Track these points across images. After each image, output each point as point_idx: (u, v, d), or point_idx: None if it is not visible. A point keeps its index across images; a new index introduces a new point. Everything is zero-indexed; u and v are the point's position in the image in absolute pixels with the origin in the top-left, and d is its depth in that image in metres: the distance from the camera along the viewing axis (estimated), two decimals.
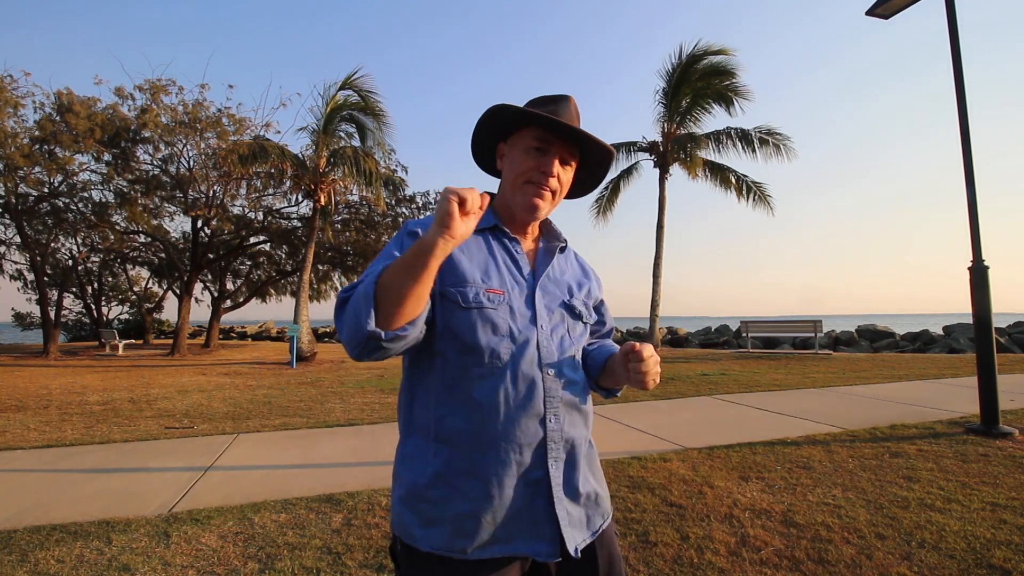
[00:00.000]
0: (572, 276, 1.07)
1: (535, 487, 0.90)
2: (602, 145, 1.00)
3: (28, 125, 13.75)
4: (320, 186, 13.11)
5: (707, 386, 7.28)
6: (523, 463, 0.90)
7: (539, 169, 0.96)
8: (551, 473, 0.91)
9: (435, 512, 0.88)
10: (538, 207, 0.97)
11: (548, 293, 1.00)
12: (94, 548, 2.41)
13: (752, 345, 15.12)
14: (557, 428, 0.93)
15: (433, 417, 0.91)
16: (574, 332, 1.01)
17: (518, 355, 0.91)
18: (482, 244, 0.99)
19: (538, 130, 0.96)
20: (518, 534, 0.89)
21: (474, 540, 0.87)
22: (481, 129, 1.03)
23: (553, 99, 1.00)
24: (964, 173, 4.58)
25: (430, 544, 0.88)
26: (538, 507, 0.90)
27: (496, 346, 0.90)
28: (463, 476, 0.89)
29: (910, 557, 2.22)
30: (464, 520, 0.87)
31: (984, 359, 4.40)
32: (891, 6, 5.16)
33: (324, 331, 28.17)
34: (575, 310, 1.02)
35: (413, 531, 0.89)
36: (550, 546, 0.90)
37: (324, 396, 7.10)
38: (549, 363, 0.94)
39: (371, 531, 2.56)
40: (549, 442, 0.92)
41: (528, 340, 0.93)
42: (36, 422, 5.45)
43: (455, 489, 0.88)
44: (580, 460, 0.97)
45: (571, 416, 0.96)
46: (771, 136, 13.81)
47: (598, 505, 0.99)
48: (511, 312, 0.93)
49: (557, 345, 0.96)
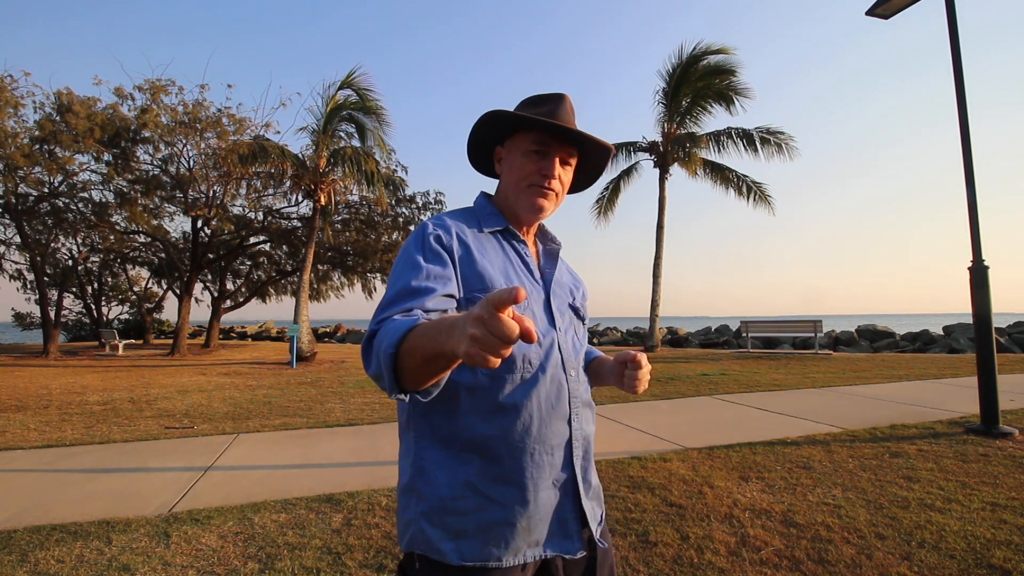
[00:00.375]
0: (568, 278, 1.09)
1: (564, 487, 0.92)
2: (601, 143, 1.00)
3: (28, 125, 13.76)
4: (320, 186, 13.10)
5: (707, 386, 7.28)
6: (554, 464, 0.91)
7: (540, 172, 0.96)
8: (577, 473, 0.93)
9: (466, 523, 0.84)
10: (543, 208, 0.99)
11: (558, 296, 1.01)
12: (94, 548, 2.41)
13: (752, 345, 15.12)
14: (579, 427, 0.95)
15: (460, 425, 0.87)
16: (580, 332, 1.04)
17: (546, 359, 0.91)
18: (497, 247, 0.98)
19: (536, 133, 0.96)
20: (547, 535, 0.90)
21: (508, 547, 0.85)
22: (477, 134, 1.03)
23: (548, 98, 0.99)
24: (964, 173, 4.58)
25: (461, 557, 0.83)
26: (565, 505, 0.92)
27: (527, 351, 0.89)
28: (496, 483, 0.86)
29: (910, 557, 2.22)
30: (497, 528, 0.85)
31: (984, 359, 4.40)
32: (891, 6, 5.16)
33: (324, 331, 28.18)
34: (579, 312, 1.05)
35: (440, 545, 0.84)
36: (578, 542, 0.92)
37: (324, 396, 7.10)
38: (570, 364, 0.96)
39: (371, 531, 2.56)
40: (574, 441, 0.94)
41: (552, 343, 0.93)
42: (36, 422, 5.45)
43: (487, 498, 0.85)
44: (592, 455, 0.99)
45: (586, 414, 0.98)
46: (772, 135, 13.82)
47: (599, 496, 1.02)
48: (534, 317, 0.93)
49: (572, 347, 0.98)
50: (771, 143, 13.84)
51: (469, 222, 0.97)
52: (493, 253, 0.95)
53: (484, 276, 0.89)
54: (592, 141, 0.99)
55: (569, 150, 0.99)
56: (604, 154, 1.05)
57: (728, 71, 13.58)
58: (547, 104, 0.98)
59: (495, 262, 0.93)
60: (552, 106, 0.98)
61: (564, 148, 0.98)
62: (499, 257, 0.96)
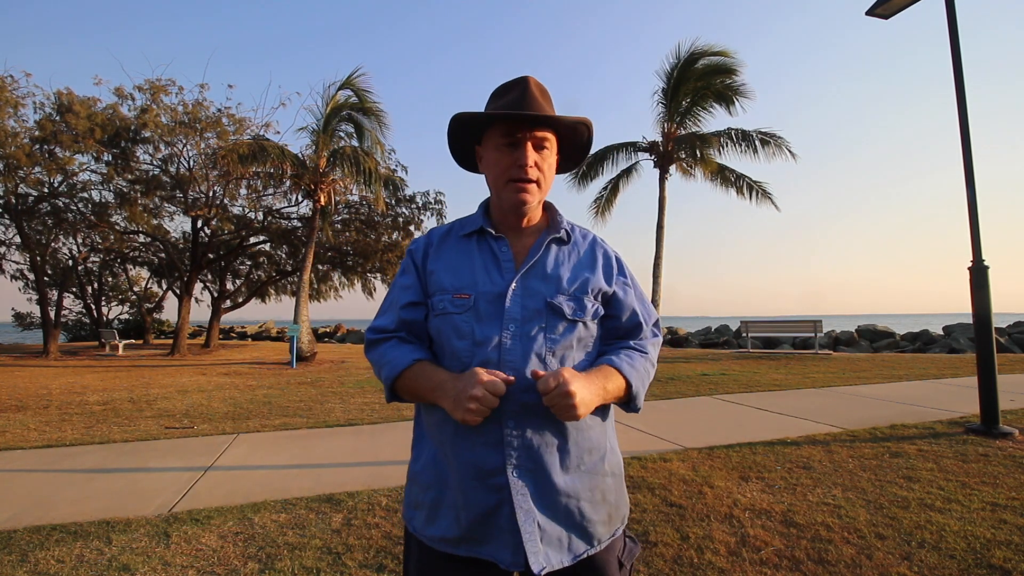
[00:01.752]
0: (569, 268, 1.00)
1: (499, 493, 0.88)
2: (573, 120, 0.99)
3: (28, 125, 13.77)
4: (320, 186, 13.11)
5: (707, 386, 7.28)
6: (480, 466, 0.89)
7: (516, 163, 0.95)
8: (511, 481, 0.88)
9: (421, 496, 0.97)
10: (526, 201, 0.97)
11: (528, 291, 0.95)
12: (94, 548, 2.40)
13: (752, 345, 15.11)
14: (517, 434, 0.89)
15: (424, 410, 1.01)
16: (553, 332, 0.94)
17: (477, 356, 0.91)
18: (463, 249, 1.02)
19: (504, 125, 0.96)
20: (486, 538, 0.89)
21: (441, 530, 0.92)
22: (453, 141, 1.05)
23: (511, 86, 0.99)
24: (964, 173, 4.58)
25: (413, 526, 0.97)
26: (504, 514, 0.88)
27: (458, 349, 0.93)
28: (437, 467, 0.95)
29: (910, 557, 2.22)
30: (436, 507, 0.94)
31: (984, 359, 4.40)
32: (891, 6, 5.16)
33: (324, 331, 28.17)
34: (555, 307, 0.94)
35: (408, 510, 1.00)
36: (512, 555, 0.87)
37: (324, 396, 7.10)
38: (510, 366, 0.90)
39: (371, 531, 2.56)
40: (507, 448, 0.89)
41: (488, 342, 0.91)
42: (36, 422, 5.45)
43: (435, 476, 0.95)
44: (554, 471, 0.90)
45: (538, 421, 0.90)
46: (772, 138, 13.84)
47: (583, 528, 0.92)
48: (476, 315, 0.93)
49: (526, 346, 0.91)
50: (771, 144, 13.85)
51: (449, 231, 1.07)
52: (455, 256, 1.01)
53: (436, 281, 1.00)
54: (562, 121, 0.98)
55: (542, 133, 0.97)
56: (582, 128, 1.01)
57: (728, 71, 13.57)
58: (511, 92, 0.98)
59: (452, 265, 1.00)
60: (516, 93, 0.97)
61: (535, 133, 0.96)
62: (460, 259, 1.00)
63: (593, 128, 1.02)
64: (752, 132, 14.01)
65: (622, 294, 1.04)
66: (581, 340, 0.97)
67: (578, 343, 0.96)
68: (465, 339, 0.93)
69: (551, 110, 0.99)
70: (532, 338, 0.92)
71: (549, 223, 1.06)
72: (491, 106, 1.00)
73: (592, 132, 1.03)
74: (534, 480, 0.89)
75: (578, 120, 0.99)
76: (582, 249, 1.05)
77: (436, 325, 0.97)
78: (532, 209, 1.01)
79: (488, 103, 1.02)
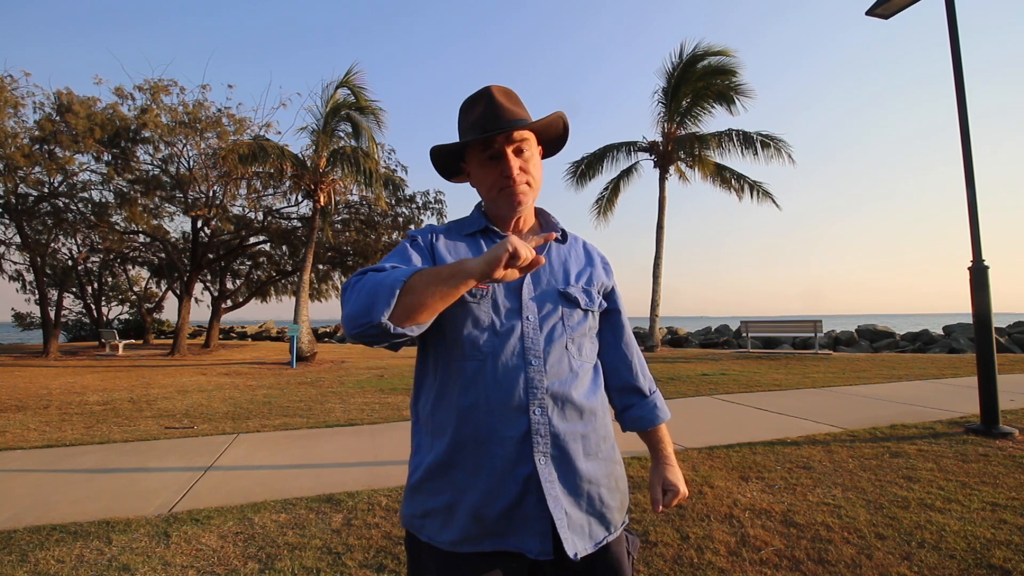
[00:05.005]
0: (573, 263, 1.06)
1: (525, 483, 0.89)
2: (546, 121, 1.01)
3: (28, 125, 13.76)
4: (320, 186, 13.11)
5: (707, 386, 7.28)
6: (508, 457, 0.89)
7: (502, 174, 0.98)
8: (539, 469, 0.89)
9: (430, 503, 0.92)
10: (522, 203, 1.00)
11: (540, 283, 0.99)
12: (94, 548, 2.41)
13: (752, 345, 15.11)
14: (543, 421, 0.90)
15: (429, 411, 0.96)
16: (570, 320, 0.98)
17: (499, 346, 0.91)
18: (473, 245, 1.03)
19: (480, 142, 0.99)
20: (510, 530, 0.89)
21: (460, 532, 0.88)
22: (439, 167, 1.08)
23: (477, 100, 1.01)
24: (964, 173, 4.58)
25: (426, 534, 0.92)
26: (529, 503, 0.89)
27: (476, 338, 0.92)
28: (451, 468, 0.91)
29: (910, 557, 2.22)
30: (451, 511, 0.90)
31: (984, 359, 4.40)
32: (891, 6, 5.16)
33: (324, 331, 28.17)
34: (570, 297, 1.00)
35: (414, 521, 0.94)
36: (540, 543, 0.88)
37: (324, 396, 7.10)
38: (534, 354, 0.92)
39: (371, 531, 2.56)
40: (535, 436, 0.90)
41: (511, 331, 0.93)
42: (36, 422, 5.45)
43: (446, 481, 0.91)
44: (578, 458, 0.93)
45: (562, 409, 0.93)
46: (773, 141, 13.85)
47: (602, 515, 0.95)
48: (494, 305, 0.94)
49: (546, 335, 0.95)
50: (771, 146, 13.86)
51: (448, 230, 1.07)
52: (467, 250, 1.01)
53: None
54: (534, 126, 1.00)
55: (519, 137, 0.99)
56: (556, 121, 1.04)
57: (729, 71, 13.58)
58: (477, 106, 1.00)
59: (465, 255, 0.99)
60: (483, 105, 0.99)
61: (512, 140, 0.98)
62: (474, 252, 1.01)
63: (566, 117, 1.05)
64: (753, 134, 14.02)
65: (618, 291, 1.14)
66: (592, 329, 1.04)
67: (588, 332, 1.02)
68: (483, 329, 0.93)
69: (521, 110, 1.02)
70: (552, 327, 0.96)
71: (543, 226, 1.11)
72: (462, 122, 1.04)
73: (567, 120, 1.06)
74: (559, 466, 0.91)
75: (549, 121, 1.02)
76: (578, 248, 1.12)
77: (450, 313, 0.91)
78: (527, 209, 1.04)
79: (459, 119, 1.05)
